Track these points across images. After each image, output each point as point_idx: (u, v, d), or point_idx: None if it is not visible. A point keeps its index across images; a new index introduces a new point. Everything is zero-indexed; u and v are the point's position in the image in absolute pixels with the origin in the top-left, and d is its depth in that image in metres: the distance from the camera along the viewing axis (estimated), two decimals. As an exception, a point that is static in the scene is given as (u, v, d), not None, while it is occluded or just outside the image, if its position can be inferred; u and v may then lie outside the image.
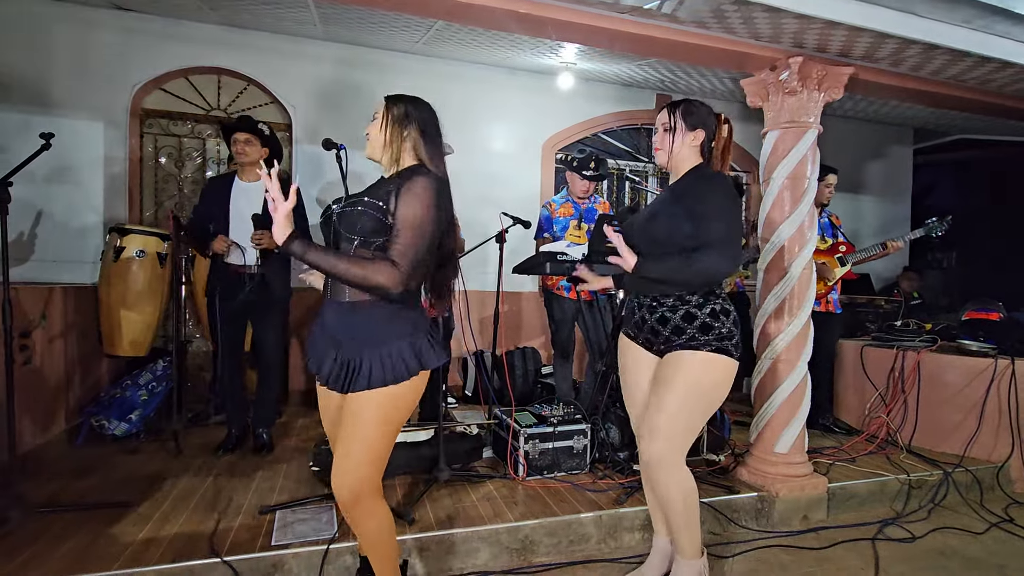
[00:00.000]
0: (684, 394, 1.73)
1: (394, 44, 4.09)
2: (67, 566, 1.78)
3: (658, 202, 1.89)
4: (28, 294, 2.55)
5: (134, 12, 3.72)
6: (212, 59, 3.94)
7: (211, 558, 1.85)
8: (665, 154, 1.86)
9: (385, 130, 1.54)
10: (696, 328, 1.75)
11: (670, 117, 1.84)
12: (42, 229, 3.56)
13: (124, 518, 2.12)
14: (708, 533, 2.46)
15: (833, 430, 3.60)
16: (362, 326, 1.47)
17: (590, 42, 2.80)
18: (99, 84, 3.71)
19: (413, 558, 2.06)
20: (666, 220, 1.77)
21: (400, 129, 1.54)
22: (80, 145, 3.67)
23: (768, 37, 2.50)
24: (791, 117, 2.63)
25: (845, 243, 3.59)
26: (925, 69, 2.81)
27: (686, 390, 1.73)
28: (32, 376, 2.59)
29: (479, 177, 4.41)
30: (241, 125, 2.85)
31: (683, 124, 1.83)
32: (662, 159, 1.88)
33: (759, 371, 2.73)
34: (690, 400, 1.74)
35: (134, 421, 3.07)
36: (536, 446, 2.64)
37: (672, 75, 4.43)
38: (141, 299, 3.12)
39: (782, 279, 2.64)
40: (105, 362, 3.39)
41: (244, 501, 2.31)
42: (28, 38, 3.55)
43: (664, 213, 1.80)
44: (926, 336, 3.53)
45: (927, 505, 2.82)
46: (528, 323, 4.70)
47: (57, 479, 2.51)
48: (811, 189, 2.64)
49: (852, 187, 5.62)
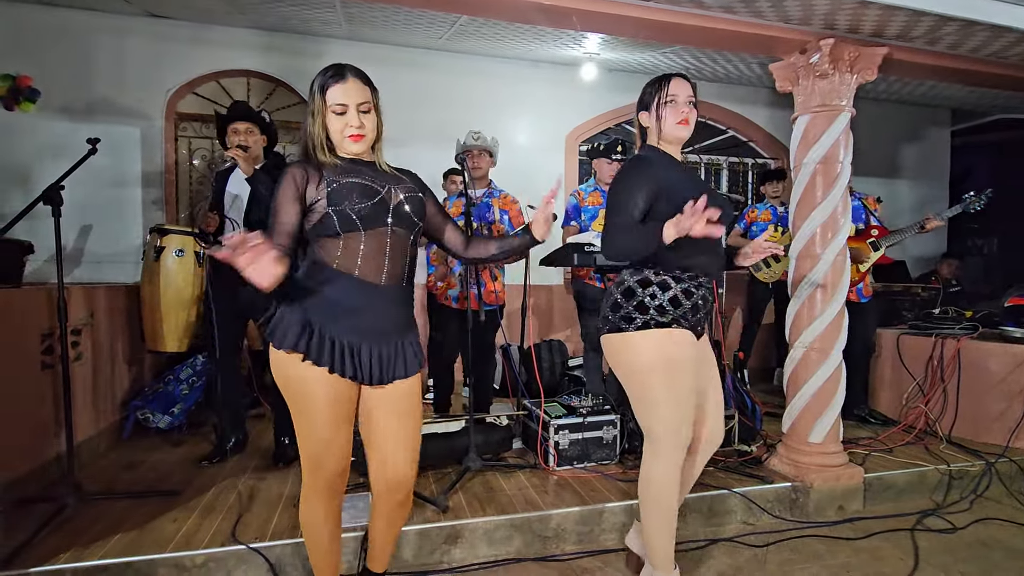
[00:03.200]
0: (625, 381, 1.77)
1: (418, 41, 4.13)
2: (124, 549, 1.88)
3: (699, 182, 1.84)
4: (77, 294, 2.67)
5: (166, 19, 3.83)
6: (241, 62, 4.05)
7: (255, 543, 1.93)
8: (690, 130, 1.75)
9: (378, 119, 1.49)
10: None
11: (695, 92, 1.76)
12: (86, 231, 3.72)
13: (172, 506, 2.21)
14: (741, 523, 2.45)
15: (869, 421, 3.52)
16: (402, 312, 1.51)
17: (615, 31, 2.78)
18: (135, 90, 3.84)
19: (447, 544, 2.11)
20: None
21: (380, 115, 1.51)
22: (119, 149, 3.81)
23: (798, 19, 2.45)
24: (822, 101, 2.58)
25: (878, 227, 3.49)
26: (964, 47, 2.71)
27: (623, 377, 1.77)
28: (82, 372, 2.71)
29: (504, 170, 4.39)
30: (240, 114, 2.63)
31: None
32: (685, 134, 1.75)
33: (792, 360, 2.69)
34: (632, 387, 1.74)
35: (176, 414, 3.20)
36: (566, 437, 2.66)
37: (697, 62, 4.37)
38: (180, 297, 3.22)
39: (814, 266, 2.59)
40: (147, 358, 3.53)
41: (283, 491, 2.39)
42: (69, 48, 3.70)
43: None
44: (966, 323, 3.42)
45: (969, 496, 2.75)
46: (554, 316, 4.71)
47: (108, 469, 2.64)
48: (844, 174, 2.58)
49: (887, 171, 5.46)
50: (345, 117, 1.42)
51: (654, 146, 1.79)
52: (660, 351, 1.67)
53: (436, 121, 4.16)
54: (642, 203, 1.66)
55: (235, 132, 2.59)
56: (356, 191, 1.41)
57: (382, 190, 1.45)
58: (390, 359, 1.46)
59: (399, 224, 1.47)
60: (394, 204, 1.46)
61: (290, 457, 2.72)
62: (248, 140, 2.58)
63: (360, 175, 1.45)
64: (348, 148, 1.46)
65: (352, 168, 1.47)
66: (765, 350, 4.74)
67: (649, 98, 1.77)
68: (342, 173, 1.44)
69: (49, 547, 1.87)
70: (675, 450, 1.67)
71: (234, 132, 2.60)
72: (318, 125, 1.43)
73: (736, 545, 2.27)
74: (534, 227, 1.55)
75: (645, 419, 1.71)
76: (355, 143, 1.44)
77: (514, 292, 4.41)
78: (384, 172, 1.52)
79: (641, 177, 1.68)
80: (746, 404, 3.10)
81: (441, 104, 4.31)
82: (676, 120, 1.71)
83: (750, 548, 2.24)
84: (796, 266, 2.69)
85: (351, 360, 1.41)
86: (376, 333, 1.44)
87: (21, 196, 3.56)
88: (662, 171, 1.70)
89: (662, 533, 1.70)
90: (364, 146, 1.46)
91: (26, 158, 3.64)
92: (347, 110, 1.42)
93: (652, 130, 1.78)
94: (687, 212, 1.47)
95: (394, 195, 1.48)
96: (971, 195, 3.39)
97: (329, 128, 1.44)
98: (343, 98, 1.41)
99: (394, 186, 1.49)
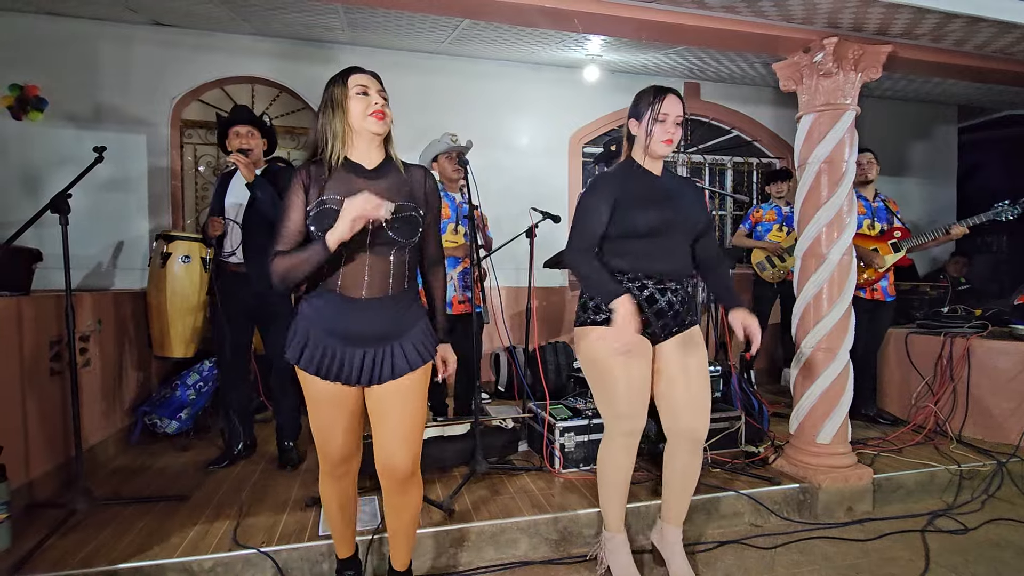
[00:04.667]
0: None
1: (420, 45, 4.15)
2: (133, 552, 1.89)
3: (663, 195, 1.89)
4: (84, 301, 2.69)
5: (171, 27, 3.86)
6: (245, 68, 4.07)
7: (264, 547, 1.94)
8: (672, 148, 1.87)
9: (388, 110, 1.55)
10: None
11: (684, 110, 1.86)
12: (92, 238, 3.75)
13: (180, 510, 2.23)
14: (748, 525, 2.44)
15: (877, 421, 3.50)
16: (390, 318, 1.54)
17: (617, 33, 2.78)
18: (141, 97, 3.87)
19: (454, 548, 2.11)
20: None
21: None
22: (126, 157, 3.84)
23: (801, 19, 2.44)
24: (827, 99, 2.56)
25: (901, 228, 3.45)
26: (969, 43, 2.69)
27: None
28: (90, 378, 2.73)
29: (507, 174, 4.43)
30: (241, 117, 2.65)
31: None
32: (669, 152, 1.87)
33: (798, 360, 2.67)
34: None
35: (184, 419, 3.22)
36: (571, 439, 2.66)
37: (700, 62, 4.36)
38: (187, 303, 3.25)
39: (820, 266, 2.58)
40: (154, 363, 3.55)
41: (290, 495, 2.40)
42: (76, 57, 3.73)
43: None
44: (976, 322, 3.39)
45: (980, 496, 2.72)
46: (558, 318, 4.70)
47: (117, 474, 2.66)
48: (849, 173, 2.57)
49: (894, 170, 5.42)
50: (368, 97, 1.50)
51: (630, 159, 1.92)
52: (592, 347, 1.87)
53: (439, 125, 4.15)
54: (605, 217, 1.82)
55: (236, 135, 2.63)
56: (333, 219, 1.41)
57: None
58: (376, 363, 1.53)
59: (380, 244, 1.50)
60: (373, 228, 1.47)
61: (295, 461, 2.73)
62: (249, 143, 2.61)
63: (348, 192, 1.44)
64: (371, 128, 1.50)
65: (346, 181, 1.49)
66: (771, 350, 4.72)
67: (642, 109, 1.87)
68: (334, 187, 1.48)
69: (59, 552, 1.89)
70: (618, 435, 1.89)
71: (235, 135, 2.63)
72: (338, 117, 1.49)
73: (744, 547, 2.26)
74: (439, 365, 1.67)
75: (596, 403, 1.96)
76: (378, 121, 1.50)
77: (519, 295, 4.42)
78: (381, 181, 1.52)
79: (601, 195, 1.84)
80: (753, 405, 3.08)
81: (443, 108, 4.32)
82: (662, 139, 1.83)
83: (758, 550, 2.23)
84: (802, 266, 2.67)
85: (338, 366, 1.52)
86: (362, 340, 1.52)
87: (29, 204, 3.60)
88: (620, 187, 1.84)
89: (610, 501, 1.97)
90: (384, 127, 1.52)
91: (33, 166, 3.67)
92: (369, 91, 1.50)
93: (639, 140, 1.89)
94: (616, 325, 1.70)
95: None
96: (1005, 203, 3.27)
97: (351, 113, 1.49)
98: (365, 81, 1.51)
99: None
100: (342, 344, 1.51)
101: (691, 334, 1.92)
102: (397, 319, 1.55)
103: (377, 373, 1.53)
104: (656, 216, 1.81)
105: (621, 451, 1.90)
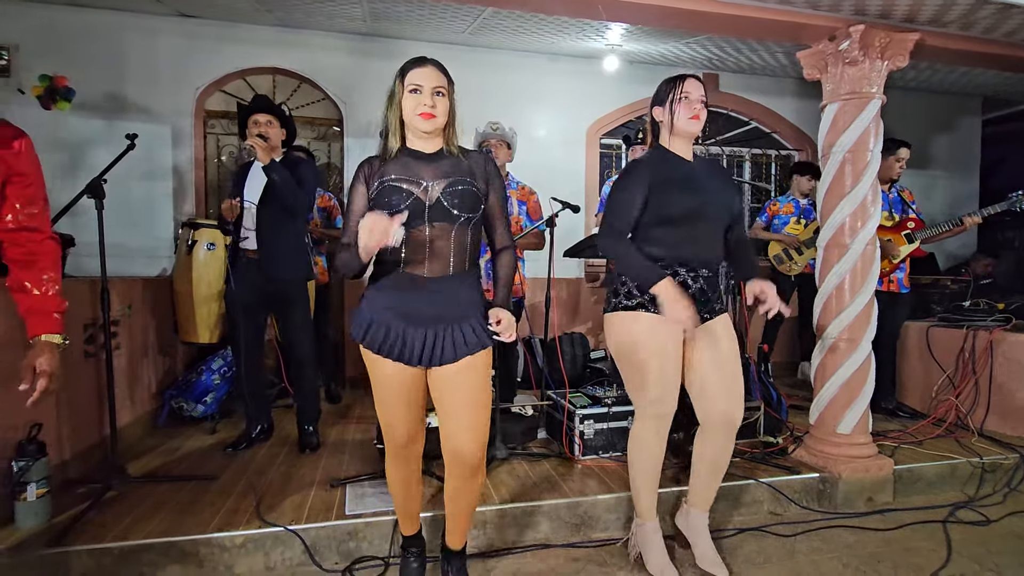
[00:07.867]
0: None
1: (440, 36, 4.16)
2: (167, 528, 1.95)
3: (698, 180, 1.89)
4: (115, 286, 2.75)
5: (195, 18, 3.92)
6: (267, 59, 4.12)
7: (292, 524, 1.99)
8: (700, 125, 1.86)
9: (451, 106, 1.61)
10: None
11: (705, 93, 1.87)
12: (119, 225, 3.82)
13: (211, 489, 2.29)
14: (768, 513, 2.45)
15: (897, 414, 3.47)
16: (465, 294, 1.58)
17: (640, 21, 2.77)
18: (166, 88, 3.94)
19: (476, 530, 2.14)
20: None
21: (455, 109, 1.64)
22: (151, 146, 3.90)
23: (827, 6, 2.42)
24: (852, 88, 2.54)
25: (915, 219, 3.42)
26: (999, 31, 2.65)
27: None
28: (119, 362, 2.80)
29: (525, 164, 4.41)
30: (261, 106, 2.72)
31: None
32: (697, 129, 1.86)
33: (820, 350, 2.67)
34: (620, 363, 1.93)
35: (209, 403, 3.29)
36: (591, 426, 2.68)
37: (721, 52, 4.33)
38: (212, 289, 3.31)
39: (843, 256, 2.57)
40: (180, 349, 3.63)
41: (315, 476, 2.45)
42: (104, 48, 3.80)
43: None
44: (999, 315, 3.35)
45: (1002, 489, 2.70)
46: (575, 309, 4.72)
47: (147, 454, 2.73)
48: (874, 162, 2.55)
49: (916, 162, 5.31)
50: (419, 96, 1.54)
51: (659, 146, 1.91)
52: (624, 331, 1.87)
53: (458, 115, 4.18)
54: (640, 202, 1.82)
55: (255, 123, 2.68)
56: (394, 194, 1.52)
57: (417, 189, 1.53)
58: (437, 344, 1.55)
59: (439, 219, 1.54)
60: (431, 201, 1.53)
61: (315, 444, 2.79)
62: (268, 131, 2.66)
63: (406, 171, 1.55)
64: (419, 126, 1.55)
65: (405, 163, 1.57)
66: (788, 344, 4.70)
67: (664, 95, 1.88)
68: (392, 170, 1.55)
69: (96, 526, 1.95)
70: (650, 418, 1.89)
71: (254, 123, 2.68)
72: (394, 112, 1.57)
73: (765, 534, 2.27)
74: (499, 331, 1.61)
75: (627, 389, 1.95)
76: (425, 121, 1.54)
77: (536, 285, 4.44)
78: (441, 162, 1.58)
79: (636, 180, 1.84)
80: (771, 396, 3.08)
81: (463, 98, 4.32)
82: (688, 115, 1.82)
83: (778, 538, 2.24)
84: (824, 255, 2.66)
85: (400, 345, 1.54)
86: (424, 320, 1.55)
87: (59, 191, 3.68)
88: (654, 173, 1.83)
89: (642, 487, 1.96)
90: (433, 125, 1.55)
91: (62, 156, 3.75)
92: (422, 90, 1.54)
93: (664, 124, 1.89)
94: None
95: (432, 190, 1.54)
96: (1019, 193, 3.21)
97: (404, 108, 1.55)
98: (420, 79, 1.54)
99: (435, 181, 1.55)
100: (403, 323, 1.54)
101: (722, 320, 1.93)
102: (456, 300, 1.57)
103: (438, 353, 1.55)
104: (691, 201, 1.80)
105: (652, 435, 1.90)
